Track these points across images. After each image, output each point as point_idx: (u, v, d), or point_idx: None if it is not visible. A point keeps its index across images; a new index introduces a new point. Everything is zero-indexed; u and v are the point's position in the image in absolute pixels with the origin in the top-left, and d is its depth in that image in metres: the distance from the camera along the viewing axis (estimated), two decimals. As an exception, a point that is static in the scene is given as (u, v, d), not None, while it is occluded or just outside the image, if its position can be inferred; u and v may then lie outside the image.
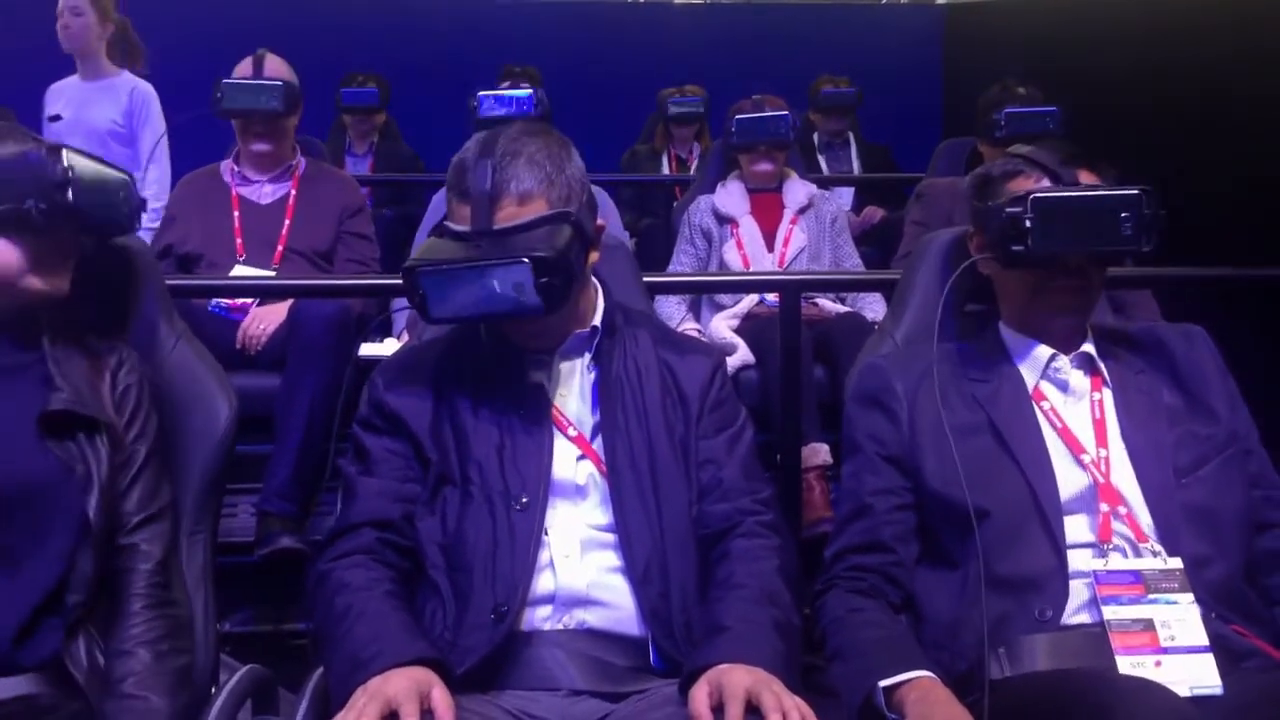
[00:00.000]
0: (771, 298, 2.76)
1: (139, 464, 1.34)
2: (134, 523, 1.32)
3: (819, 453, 2.51)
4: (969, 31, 5.70)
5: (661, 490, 1.30)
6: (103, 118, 3.39)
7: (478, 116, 2.96)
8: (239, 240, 2.66)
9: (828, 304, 2.87)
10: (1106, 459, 1.36)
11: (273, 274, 2.62)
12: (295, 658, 2.23)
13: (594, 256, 1.35)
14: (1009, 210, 1.36)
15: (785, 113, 3.05)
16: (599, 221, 1.35)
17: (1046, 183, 1.41)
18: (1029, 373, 1.43)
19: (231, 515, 2.35)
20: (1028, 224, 1.34)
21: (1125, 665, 1.25)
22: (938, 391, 1.38)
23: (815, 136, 4.67)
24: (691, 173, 4.29)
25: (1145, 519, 1.34)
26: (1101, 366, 1.44)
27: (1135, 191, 1.36)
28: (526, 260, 1.22)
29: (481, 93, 3.03)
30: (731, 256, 2.98)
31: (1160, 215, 1.36)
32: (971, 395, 1.41)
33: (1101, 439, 1.38)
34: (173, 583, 1.33)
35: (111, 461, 1.29)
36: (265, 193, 2.75)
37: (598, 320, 1.38)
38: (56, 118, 3.41)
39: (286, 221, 2.70)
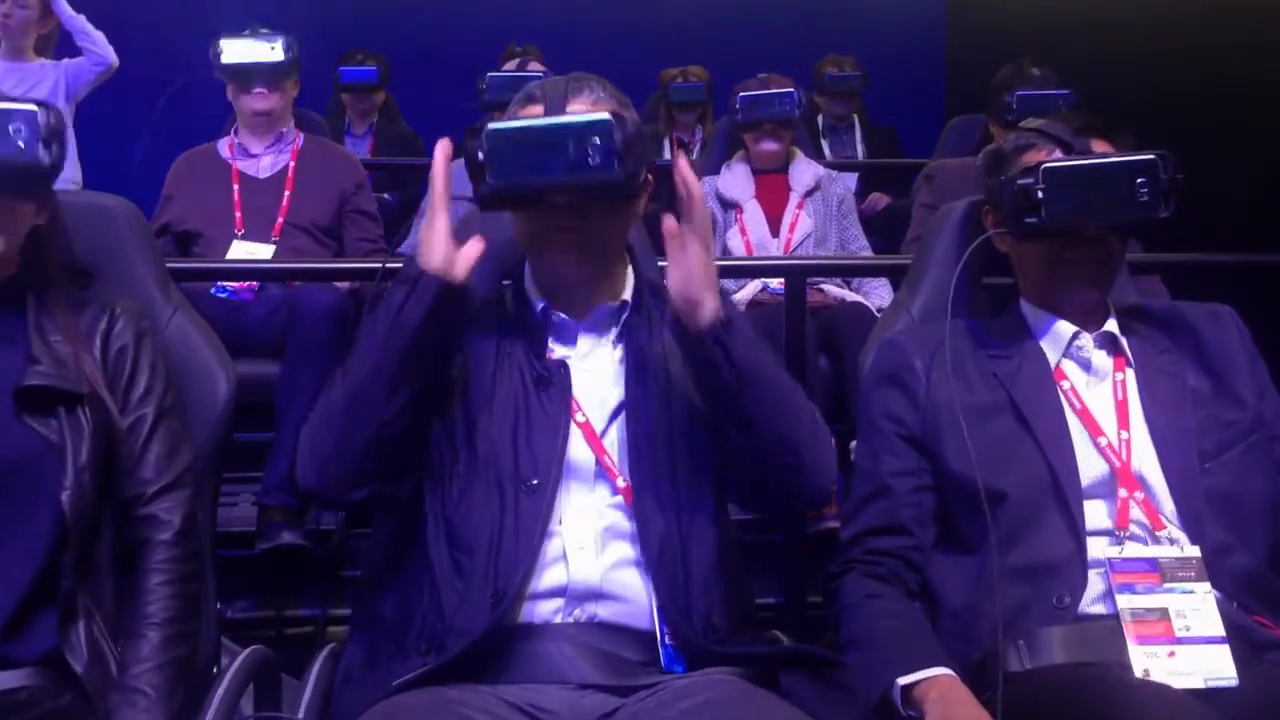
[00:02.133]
0: (775, 284, 2.73)
1: (149, 426, 1.28)
2: (151, 492, 1.26)
3: (823, 443, 2.48)
4: (972, 13, 5.66)
5: (681, 470, 1.27)
6: (55, 100, 3.48)
7: (486, 99, 2.94)
8: (238, 214, 2.63)
9: (833, 290, 2.84)
10: (1127, 442, 1.33)
11: (272, 248, 2.58)
12: (297, 644, 2.23)
13: (643, 206, 1.35)
14: (1020, 182, 1.33)
15: (791, 90, 3.02)
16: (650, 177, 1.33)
17: (1059, 154, 1.37)
18: (1051, 351, 1.40)
19: (233, 505, 2.34)
20: (1040, 194, 1.31)
21: (1139, 656, 1.23)
22: (957, 368, 1.35)
23: (820, 119, 4.63)
24: (694, 157, 4.26)
25: (1167, 505, 1.31)
26: (1125, 346, 1.40)
27: (1151, 156, 1.32)
28: (608, 115, 1.20)
29: (490, 74, 3.00)
30: (735, 243, 2.95)
31: (1178, 180, 1.32)
32: (992, 373, 1.38)
33: (1123, 421, 1.35)
34: (192, 554, 1.28)
35: (97, 435, 1.23)
36: (264, 166, 2.73)
37: (627, 295, 1.35)
38: None
39: (286, 193, 2.67)
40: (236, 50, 2.64)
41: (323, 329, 2.31)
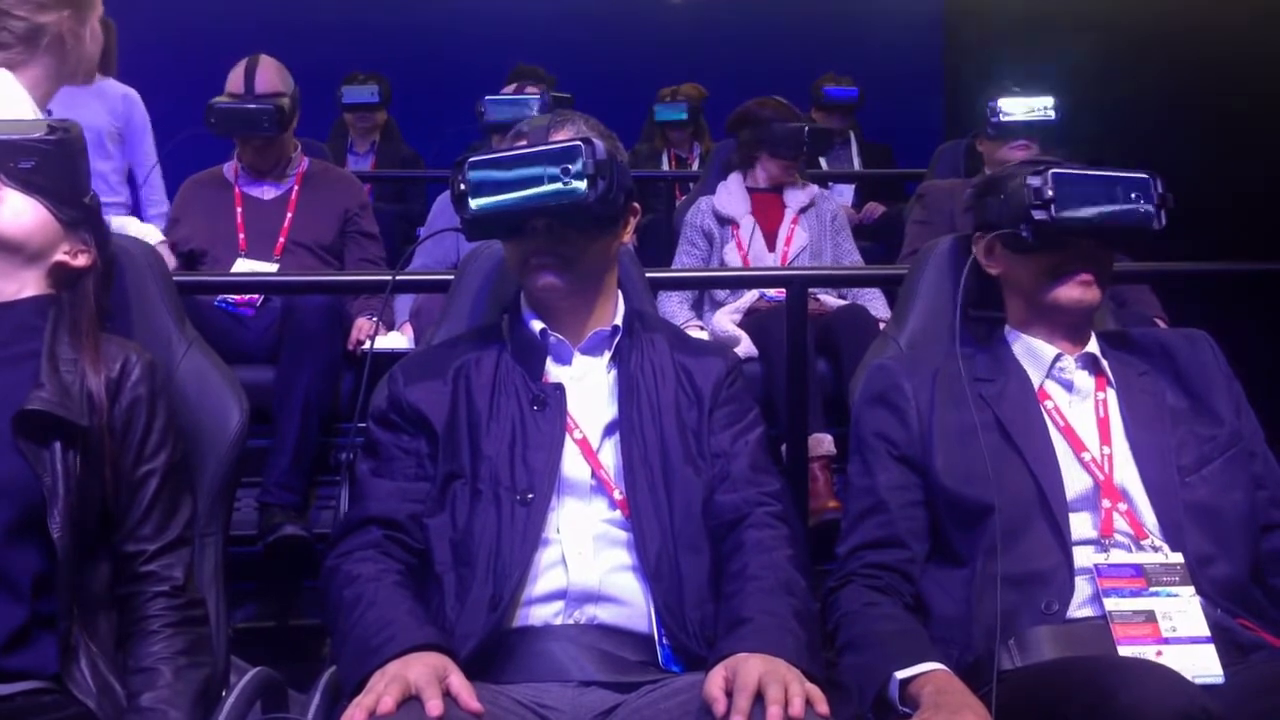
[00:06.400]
0: (772, 292, 2.77)
1: (155, 486, 1.30)
2: (152, 550, 1.28)
3: (823, 443, 2.52)
4: (969, 26, 5.69)
5: (674, 488, 1.32)
6: (99, 119, 3.47)
7: (485, 122, 2.98)
8: (241, 235, 2.68)
9: (829, 299, 2.88)
10: (1110, 457, 1.38)
11: (274, 267, 2.63)
12: (301, 654, 2.24)
13: (626, 235, 1.42)
14: (1030, 181, 1.40)
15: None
16: (635, 204, 1.41)
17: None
18: (1034, 372, 1.45)
19: (235, 511, 2.34)
20: (1050, 193, 1.39)
21: (1127, 655, 1.26)
22: (945, 390, 1.40)
23: (817, 135, 4.68)
24: (694, 169, 4.31)
25: (1149, 517, 1.36)
26: (1105, 367, 1.46)
27: (1144, 175, 1.43)
28: (579, 142, 1.28)
29: (488, 98, 3.04)
30: (732, 257, 2.98)
31: (1167, 197, 1.43)
32: (979, 394, 1.43)
33: (1105, 438, 1.40)
34: (194, 601, 1.31)
35: (89, 471, 1.24)
36: (268, 189, 2.78)
37: (619, 320, 1.41)
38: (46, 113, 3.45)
39: (289, 215, 2.72)
40: (227, 123, 2.65)
41: (316, 327, 2.35)
